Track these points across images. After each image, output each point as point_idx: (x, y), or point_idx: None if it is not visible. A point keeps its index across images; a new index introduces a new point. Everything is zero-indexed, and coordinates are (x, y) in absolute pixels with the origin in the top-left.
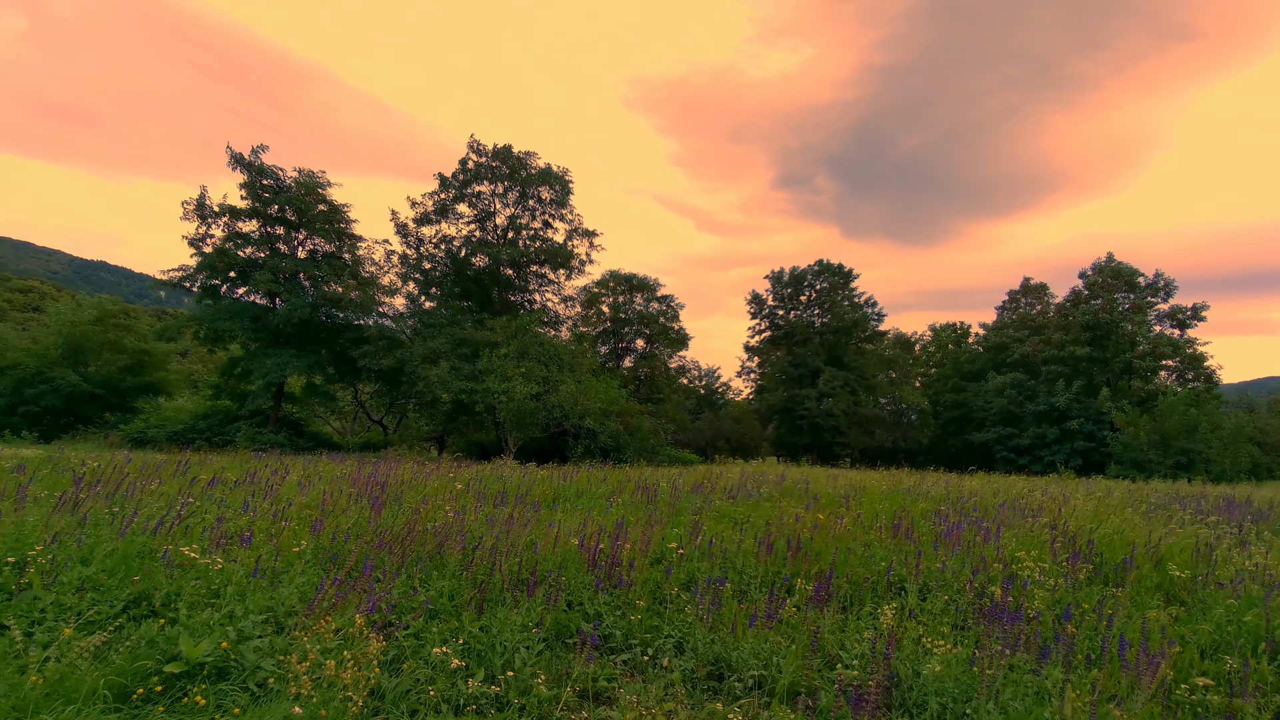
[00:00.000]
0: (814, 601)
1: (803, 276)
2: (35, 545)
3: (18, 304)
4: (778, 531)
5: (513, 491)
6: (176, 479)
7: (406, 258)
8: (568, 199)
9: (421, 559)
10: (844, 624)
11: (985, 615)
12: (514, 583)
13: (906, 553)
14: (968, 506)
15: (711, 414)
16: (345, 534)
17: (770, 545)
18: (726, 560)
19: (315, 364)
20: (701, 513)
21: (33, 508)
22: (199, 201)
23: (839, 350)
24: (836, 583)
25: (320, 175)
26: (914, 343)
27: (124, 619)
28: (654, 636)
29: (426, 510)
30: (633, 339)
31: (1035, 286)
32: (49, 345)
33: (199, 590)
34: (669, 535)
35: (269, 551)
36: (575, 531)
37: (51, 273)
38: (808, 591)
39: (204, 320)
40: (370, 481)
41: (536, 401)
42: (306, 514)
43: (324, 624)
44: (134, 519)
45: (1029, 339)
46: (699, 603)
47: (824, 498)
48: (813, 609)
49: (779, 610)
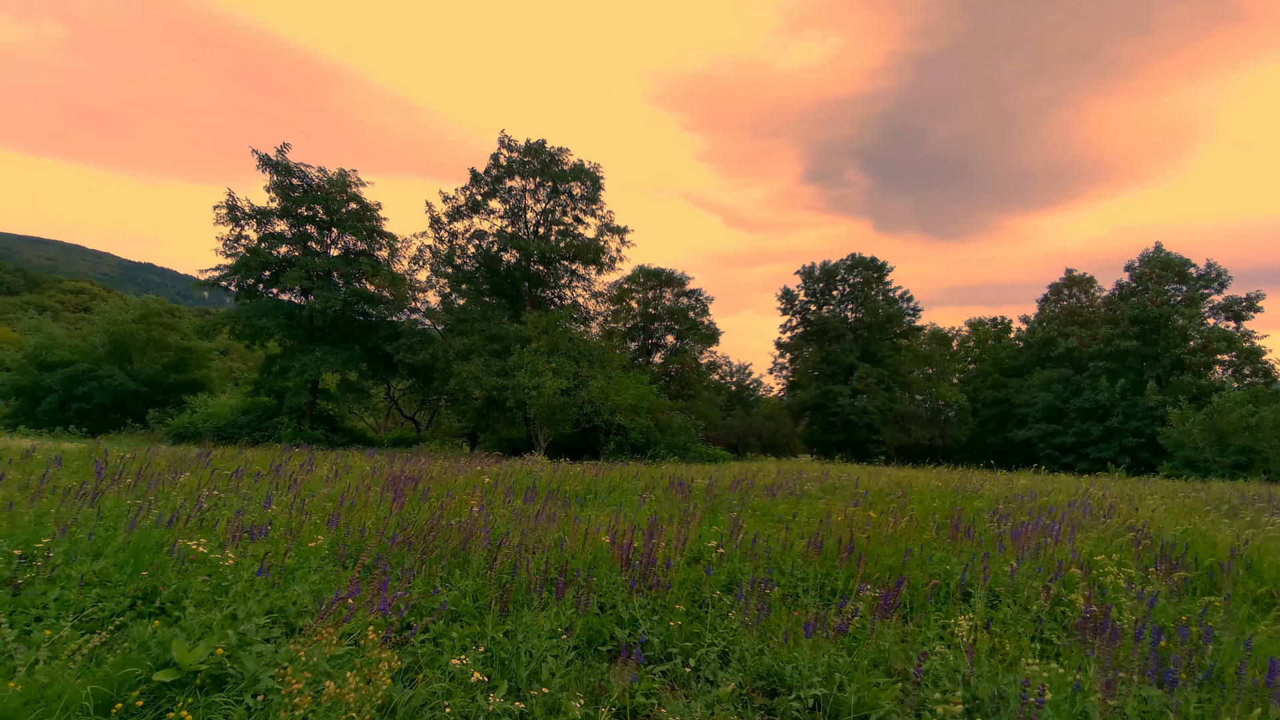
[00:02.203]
0: (880, 609)
1: (835, 271)
2: (44, 537)
3: (70, 305)
4: (826, 531)
5: (543, 487)
6: (200, 471)
7: (439, 253)
8: (599, 195)
9: (444, 556)
10: (908, 634)
11: (1081, 628)
12: (541, 582)
13: (969, 555)
14: (1029, 506)
15: (743, 411)
16: (365, 530)
17: (820, 545)
18: (771, 561)
19: (349, 360)
20: (739, 510)
21: (50, 499)
22: (228, 205)
23: (873, 346)
24: (886, 587)
25: (351, 174)
26: (951, 338)
27: (130, 615)
28: (695, 645)
29: (451, 505)
30: (662, 335)
31: (1080, 279)
32: (97, 344)
33: (208, 587)
34: (707, 533)
35: (283, 548)
36: (607, 528)
37: (101, 274)
38: (867, 597)
39: (240, 318)
40: (397, 476)
41: (567, 397)
42: (328, 508)
43: (327, 632)
44: (150, 511)
45: (1074, 333)
46: (744, 608)
47: (870, 495)
48: (877, 618)
49: (848, 622)
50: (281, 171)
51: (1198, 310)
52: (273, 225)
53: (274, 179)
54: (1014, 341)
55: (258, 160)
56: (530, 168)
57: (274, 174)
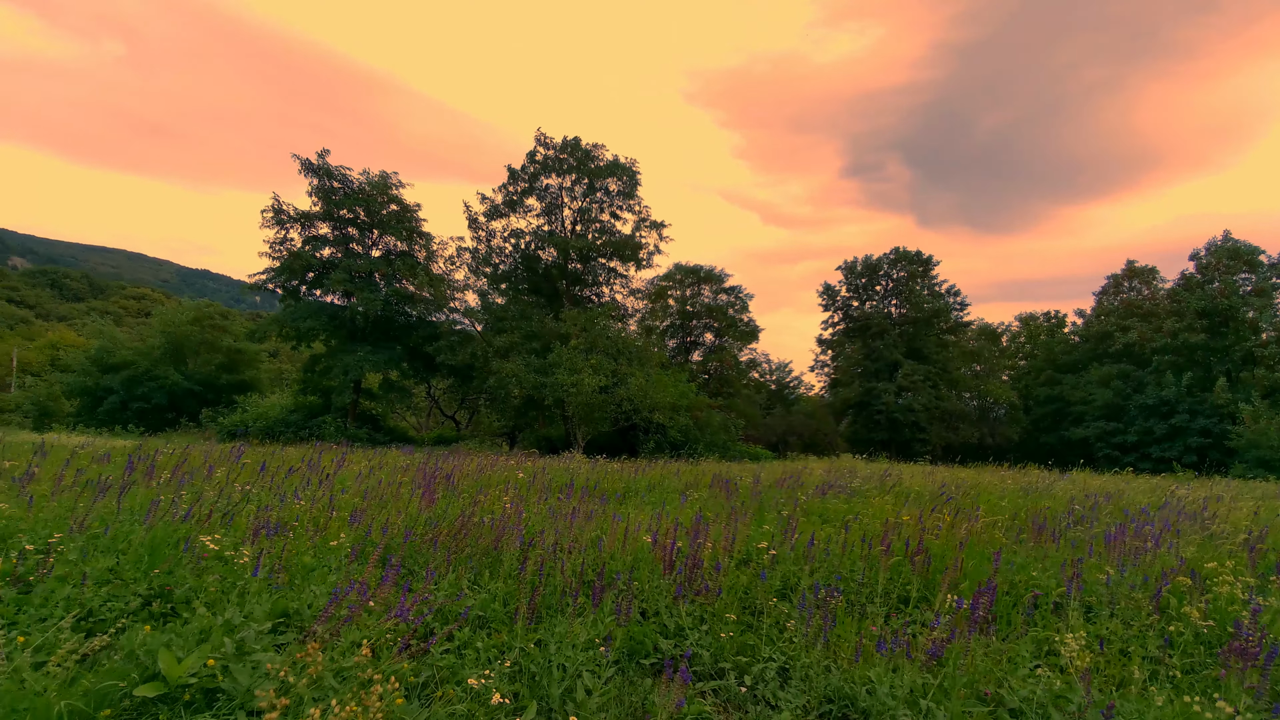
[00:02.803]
0: (971, 623)
1: (878, 266)
2: (58, 532)
3: (131, 310)
4: (892, 534)
5: (580, 484)
6: (233, 466)
7: (477, 253)
8: (635, 190)
9: (474, 556)
10: (997, 651)
11: (1230, 651)
12: (577, 586)
13: (1054, 561)
14: (1107, 507)
15: (783, 409)
16: (391, 527)
17: (887, 548)
18: (829, 565)
19: (390, 360)
20: (788, 509)
21: (72, 494)
22: (274, 208)
23: (918, 342)
24: (976, 596)
25: (392, 176)
26: (1000, 334)
27: (143, 616)
28: (750, 659)
29: (484, 502)
30: (701, 333)
31: (1141, 270)
32: (154, 346)
33: (220, 586)
34: (756, 534)
35: (303, 545)
36: (648, 527)
37: (161, 281)
38: (948, 607)
39: (286, 320)
40: (430, 473)
41: (605, 394)
42: (356, 504)
43: (320, 644)
44: (174, 505)
45: (1135, 327)
46: (806, 619)
47: (927, 495)
48: (966, 633)
49: (937, 638)
50: (322, 175)
51: (1270, 301)
52: (316, 228)
53: (315, 183)
54: (1069, 336)
55: (300, 165)
56: (566, 165)
57: (315, 178)
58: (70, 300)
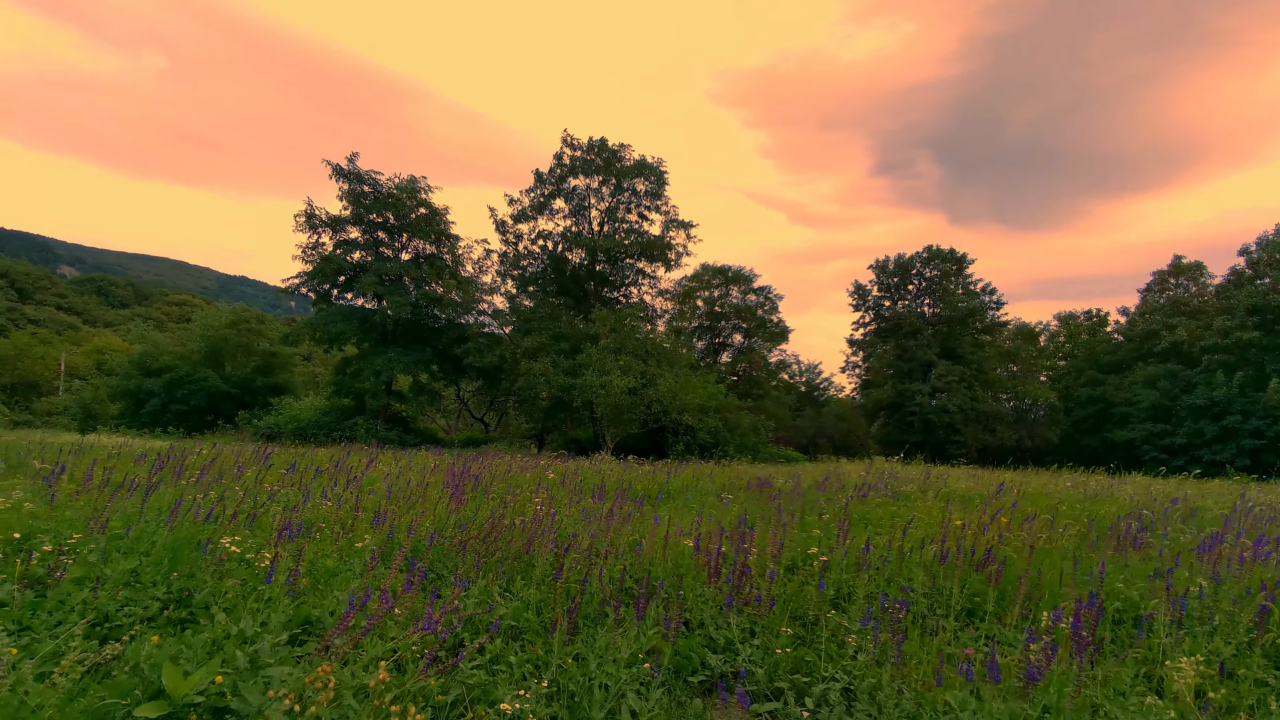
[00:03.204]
0: (1077, 644)
1: (910, 264)
2: (76, 533)
3: (173, 316)
4: (951, 539)
5: (612, 486)
6: (261, 466)
7: (505, 255)
8: (663, 190)
9: (505, 560)
10: (1092, 676)
11: None
12: (615, 594)
13: (1135, 572)
14: (1176, 513)
15: (813, 411)
16: (417, 529)
17: (947, 555)
18: (885, 573)
19: (420, 362)
20: (828, 512)
21: (96, 494)
22: (307, 213)
23: (953, 342)
24: (1078, 612)
25: (420, 180)
26: (1038, 334)
27: (159, 621)
28: (810, 679)
29: (514, 504)
30: (730, 334)
31: (1188, 266)
32: (194, 349)
33: (240, 591)
34: (803, 539)
35: (328, 548)
36: (688, 531)
37: (202, 288)
38: (1038, 624)
39: (319, 324)
40: (459, 473)
41: (634, 396)
42: (382, 505)
43: (339, 658)
44: (198, 505)
45: (1182, 325)
46: (871, 633)
47: (978, 498)
48: (1067, 655)
49: (1036, 659)
50: (353, 179)
51: None
52: (346, 232)
53: (346, 187)
54: (1111, 335)
55: (330, 170)
56: (593, 165)
57: (346, 182)
58: (116, 307)
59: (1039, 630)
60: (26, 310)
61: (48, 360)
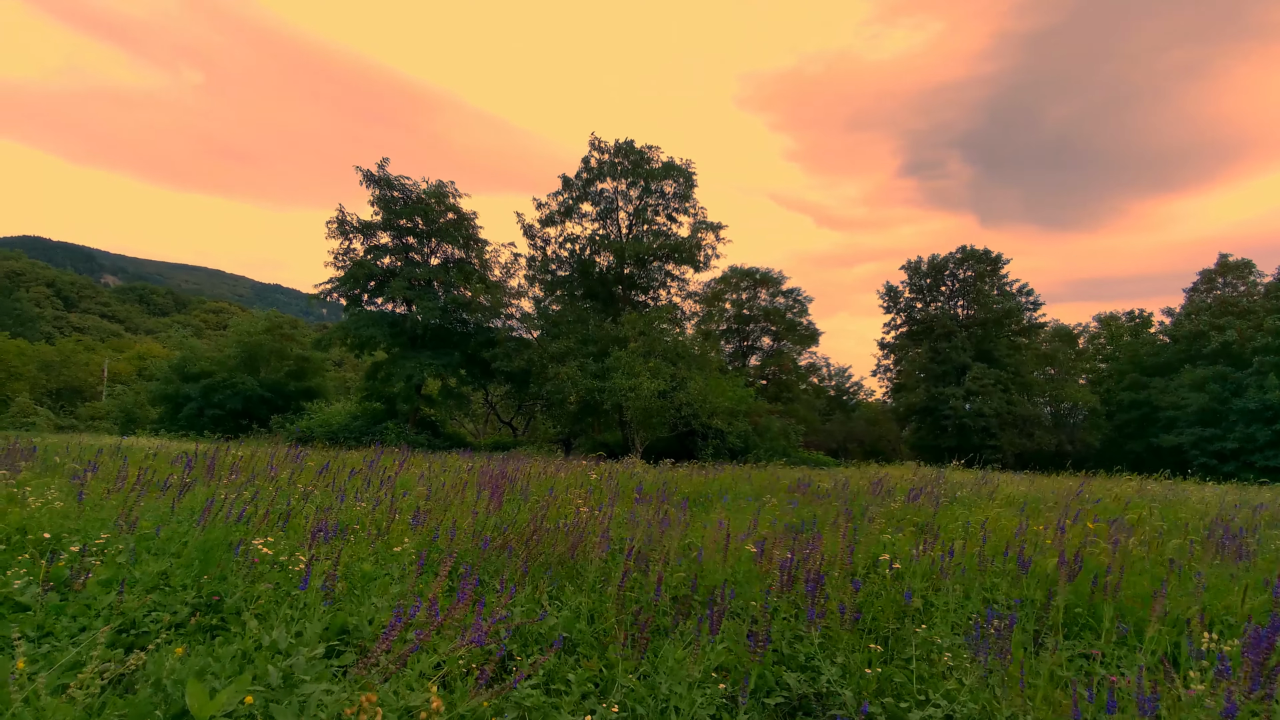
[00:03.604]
0: (1255, 678)
1: (943, 265)
2: (103, 533)
3: (211, 323)
4: (1032, 545)
5: (650, 488)
6: (294, 466)
7: (533, 260)
8: (691, 192)
9: (550, 565)
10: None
11: None
12: (671, 603)
13: (1245, 582)
14: (1259, 519)
15: (842, 415)
16: (458, 531)
17: (1027, 563)
18: (966, 583)
19: (448, 366)
20: (876, 519)
21: (125, 493)
22: (339, 219)
23: (988, 344)
24: (1148, 626)
25: (449, 185)
26: (1077, 336)
27: (189, 628)
28: (905, 703)
29: (555, 505)
30: (758, 337)
31: (1236, 264)
32: (230, 355)
33: (273, 596)
34: (874, 544)
35: (364, 550)
36: (745, 533)
37: (238, 296)
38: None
39: (349, 329)
40: (495, 474)
41: (663, 399)
42: (419, 506)
43: (381, 675)
44: (228, 506)
45: (1231, 325)
46: (971, 652)
47: (1044, 503)
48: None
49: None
50: (383, 185)
51: None
52: (377, 237)
53: (377, 193)
54: (1155, 337)
55: (361, 176)
56: (621, 168)
57: (376, 188)
58: (156, 314)
59: (1159, 649)
60: (72, 318)
61: (92, 366)
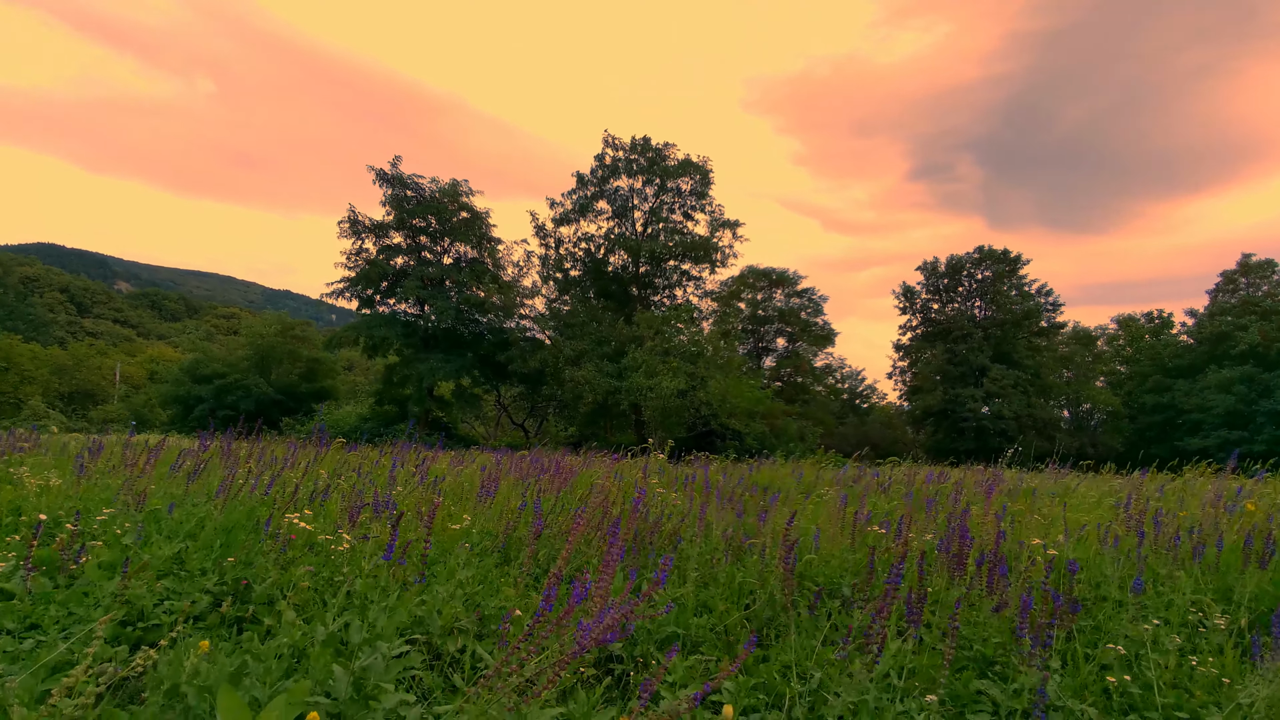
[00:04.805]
0: None
1: (961, 265)
2: (105, 508)
3: (222, 329)
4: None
5: (700, 479)
6: (314, 452)
7: (546, 259)
8: (708, 190)
9: (652, 548)
10: None
11: None
12: (796, 594)
13: None
14: None
15: (856, 419)
16: (524, 509)
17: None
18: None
19: (462, 367)
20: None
21: (131, 470)
22: (350, 219)
23: (1006, 346)
24: None
25: (462, 184)
26: (1095, 338)
27: (210, 620)
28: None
29: (617, 491)
30: (773, 337)
31: (1259, 264)
32: (242, 357)
33: (314, 583)
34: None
35: (416, 535)
36: (852, 519)
37: (249, 301)
38: None
39: (362, 329)
40: (538, 460)
41: (682, 398)
42: (463, 489)
43: (486, 686)
44: (250, 481)
45: (1254, 325)
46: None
47: (1087, 501)
48: None
49: None
50: (396, 184)
51: None
52: (389, 237)
53: (389, 192)
54: (1177, 338)
55: (374, 175)
56: (637, 165)
57: (389, 187)
58: (169, 320)
59: None
60: (85, 324)
61: (104, 370)
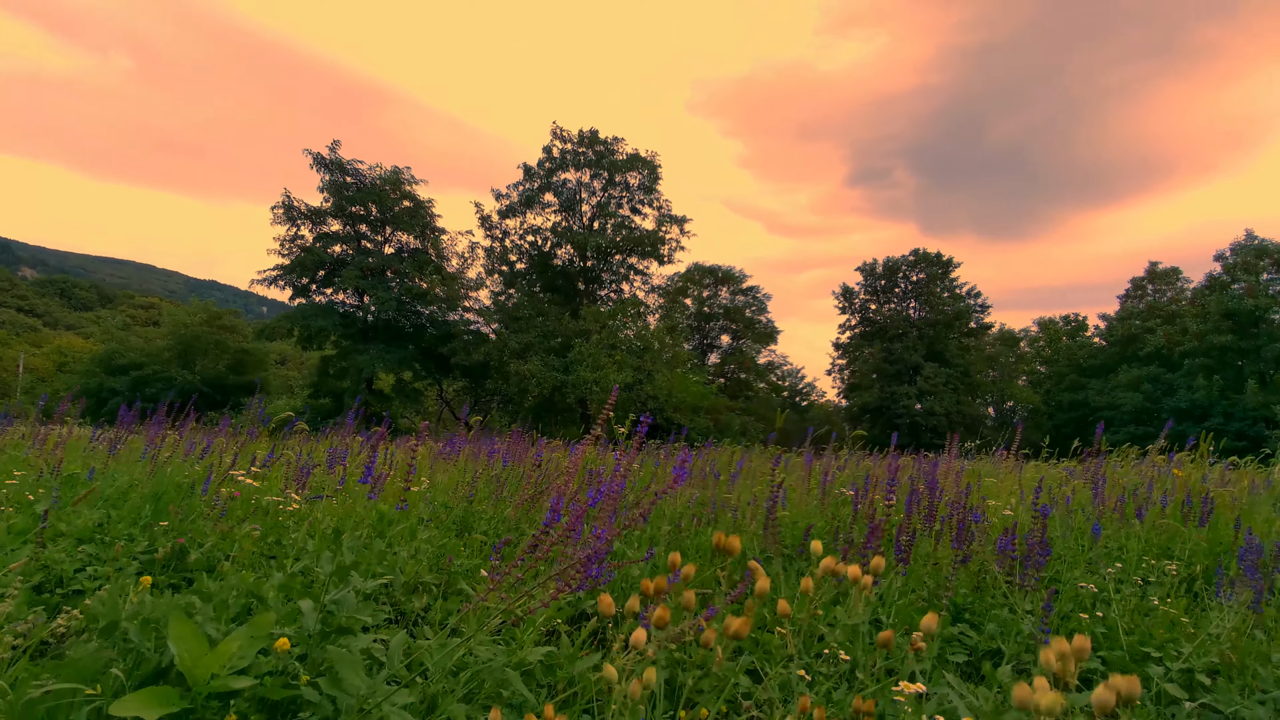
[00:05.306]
0: None
1: (897, 267)
2: (15, 471)
3: (140, 319)
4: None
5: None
6: (243, 438)
7: (491, 251)
8: (656, 185)
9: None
10: None
11: None
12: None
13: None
14: None
15: (796, 416)
16: (478, 478)
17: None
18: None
19: (403, 360)
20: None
21: (44, 445)
22: (286, 204)
23: (939, 345)
24: None
25: (404, 171)
26: (1019, 339)
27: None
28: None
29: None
30: (718, 334)
31: (1164, 272)
32: (163, 347)
33: (259, 547)
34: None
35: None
36: (815, 486)
37: (170, 291)
38: None
39: (297, 319)
40: (486, 445)
41: (629, 392)
42: (418, 462)
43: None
44: (182, 448)
45: (1159, 329)
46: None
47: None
48: None
49: None
50: (334, 170)
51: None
52: (327, 224)
53: (327, 178)
54: (1091, 340)
55: (311, 160)
56: (585, 159)
57: (327, 172)
58: (79, 309)
59: None
60: None
61: (6, 361)
